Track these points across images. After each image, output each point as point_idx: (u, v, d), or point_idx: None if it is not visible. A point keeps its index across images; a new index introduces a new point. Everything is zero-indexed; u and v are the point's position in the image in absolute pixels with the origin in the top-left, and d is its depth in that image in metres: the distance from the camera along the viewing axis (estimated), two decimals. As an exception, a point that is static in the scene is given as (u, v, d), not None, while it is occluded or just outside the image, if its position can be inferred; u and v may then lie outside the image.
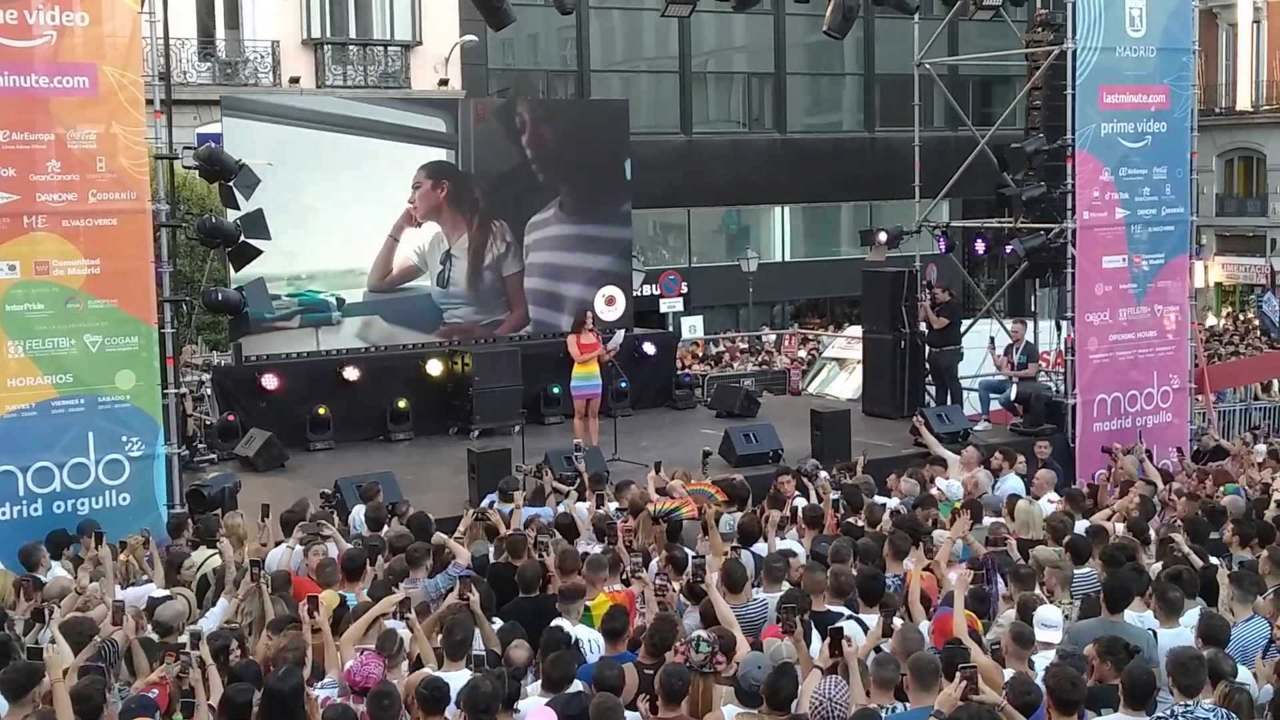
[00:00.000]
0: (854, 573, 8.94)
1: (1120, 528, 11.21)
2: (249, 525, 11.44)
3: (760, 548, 10.66)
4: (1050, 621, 7.93)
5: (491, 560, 10.27)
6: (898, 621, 7.79)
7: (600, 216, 20.68)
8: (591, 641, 8.26)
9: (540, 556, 9.69)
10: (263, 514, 11.49)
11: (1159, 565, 9.73)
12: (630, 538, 10.81)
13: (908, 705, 6.73)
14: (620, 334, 17.93)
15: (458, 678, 7.17)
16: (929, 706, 6.29)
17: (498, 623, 8.60)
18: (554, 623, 8.31)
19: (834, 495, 12.57)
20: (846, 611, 8.64)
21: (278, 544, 11.07)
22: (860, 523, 11.27)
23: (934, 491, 12.74)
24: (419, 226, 19.27)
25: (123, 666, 8.05)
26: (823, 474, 13.47)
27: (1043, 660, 7.39)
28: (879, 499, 12.49)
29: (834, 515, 11.55)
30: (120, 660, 8.02)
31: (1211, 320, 37.80)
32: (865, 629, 8.05)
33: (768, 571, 9.25)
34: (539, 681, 7.32)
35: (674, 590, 8.81)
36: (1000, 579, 9.35)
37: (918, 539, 9.92)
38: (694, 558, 8.93)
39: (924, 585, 9.14)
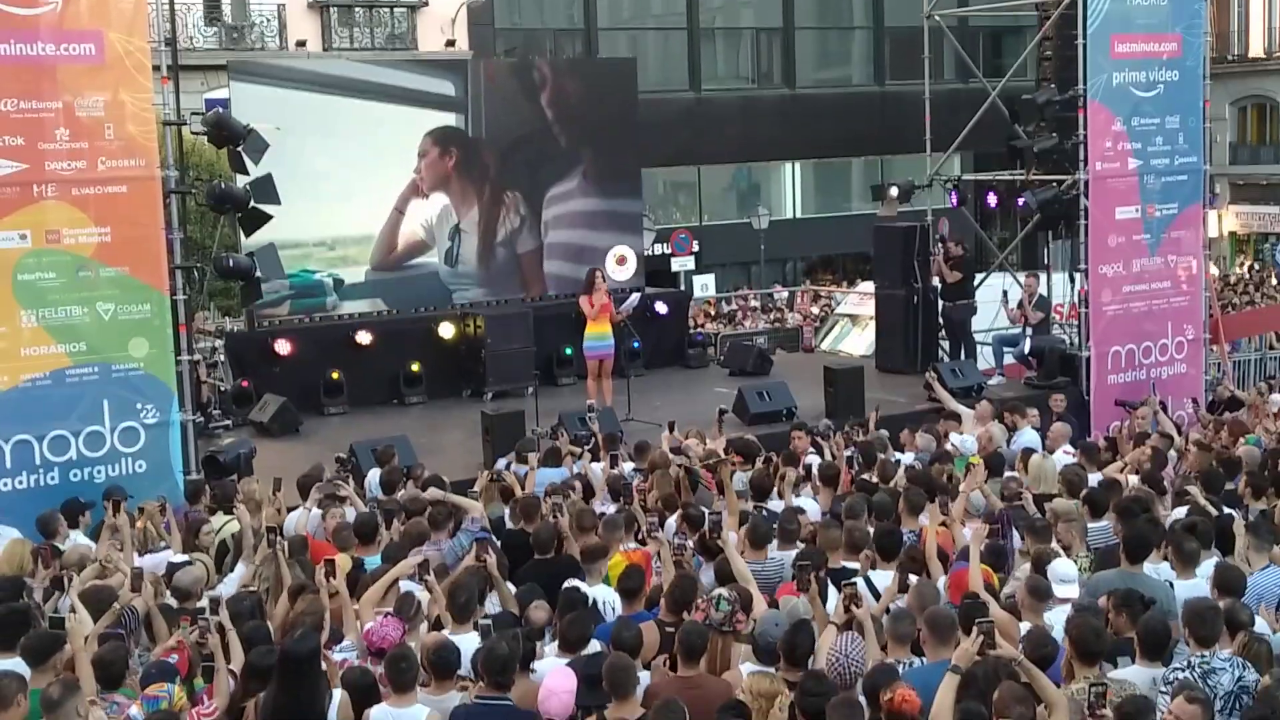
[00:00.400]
0: (869, 529, 8.97)
1: (1134, 480, 11.20)
2: (265, 490, 11.47)
3: (775, 505, 10.69)
4: (1066, 576, 7.93)
5: (507, 524, 10.31)
6: (913, 577, 7.81)
7: (615, 181, 20.61)
8: (608, 602, 8.30)
9: (555, 518, 9.72)
10: (274, 488, 11.52)
11: (1175, 516, 9.73)
12: (644, 497, 10.83)
13: (924, 660, 6.75)
14: (636, 296, 17.90)
15: (466, 640, 7.20)
16: (946, 661, 6.31)
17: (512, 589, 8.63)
18: (570, 583, 8.34)
19: (848, 453, 12.57)
20: (857, 567, 8.69)
21: (292, 509, 11.12)
22: (874, 479, 11.28)
23: (948, 447, 12.74)
24: (426, 198, 19.17)
25: (143, 633, 8.10)
26: (836, 436, 13.47)
27: (1058, 614, 7.40)
28: (893, 455, 12.50)
29: (849, 473, 11.56)
30: (140, 627, 8.07)
31: (1236, 271, 37.62)
32: (873, 589, 8.08)
33: (782, 529, 9.27)
34: (556, 642, 7.35)
35: (691, 548, 8.84)
36: (1015, 533, 9.35)
37: (933, 494, 9.92)
38: (710, 514, 8.95)
39: (939, 540, 9.16)
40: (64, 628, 7.00)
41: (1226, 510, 9.84)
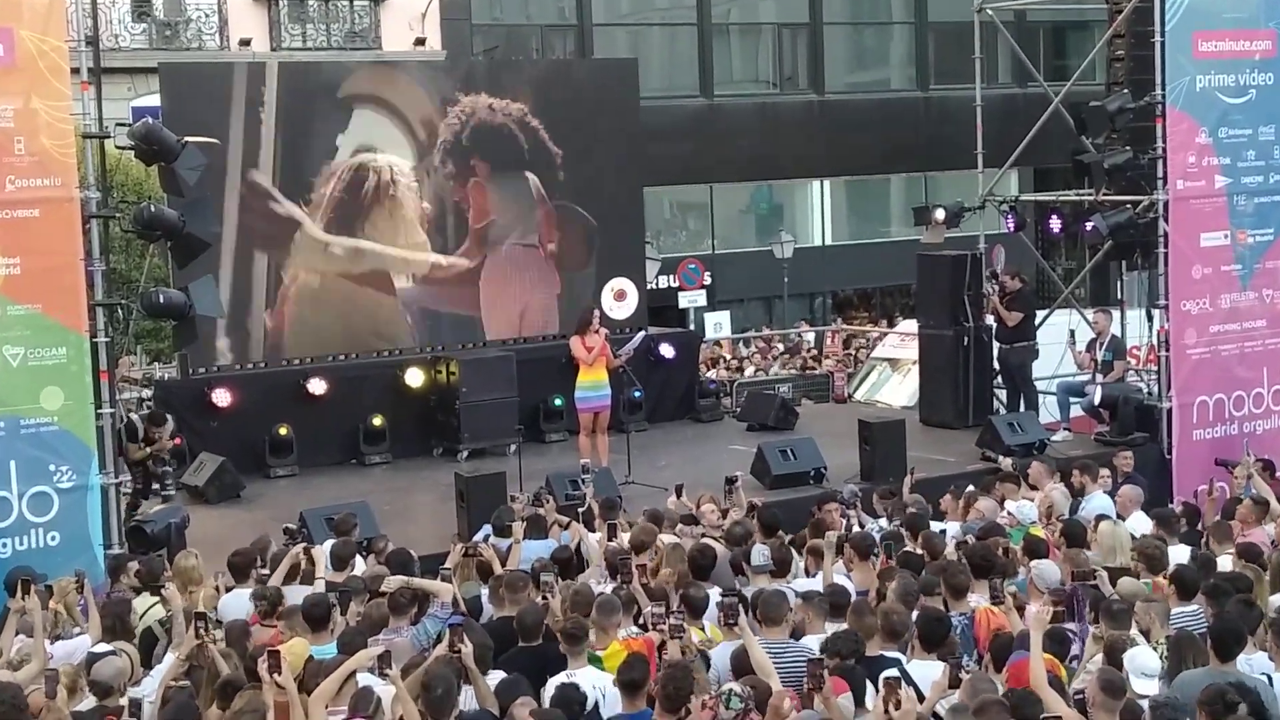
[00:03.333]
0: (912, 612, 8.96)
1: (1228, 557, 11.16)
2: (201, 566, 11.44)
3: (802, 583, 10.67)
4: (1146, 668, 7.91)
5: (486, 607, 10.28)
6: (966, 673, 7.80)
7: (612, 202, 20.70)
8: (598, 687, 8.31)
9: (545, 599, 9.70)
10: (214, 585, 11.45)
11: (1277, 601, 9.72)
12: (647, 576, 10.81)
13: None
14: (640, 336, 17.92)
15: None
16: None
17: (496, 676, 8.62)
18: (565, 677, 8.34)
19: (877, 525, 12.57)
20: (902, 657, 8.66)
21: (232, 589, 11.09)
22: (919, 550, 11.27)
23: (1003, 516, 12.72)
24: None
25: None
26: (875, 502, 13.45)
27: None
28: (934, 525, 12.51)
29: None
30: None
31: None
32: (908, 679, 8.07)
33: (831, 605, 9.43)
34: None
35: (689, 631, 8.85)
36: (1087, 616, 9.34)
37: (986, 572, 9.92)
38: (724, 594, 8.95)
39: (995, 625, 9.13)
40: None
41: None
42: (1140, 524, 12.60)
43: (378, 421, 18.61)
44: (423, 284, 19.53)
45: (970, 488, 13.78)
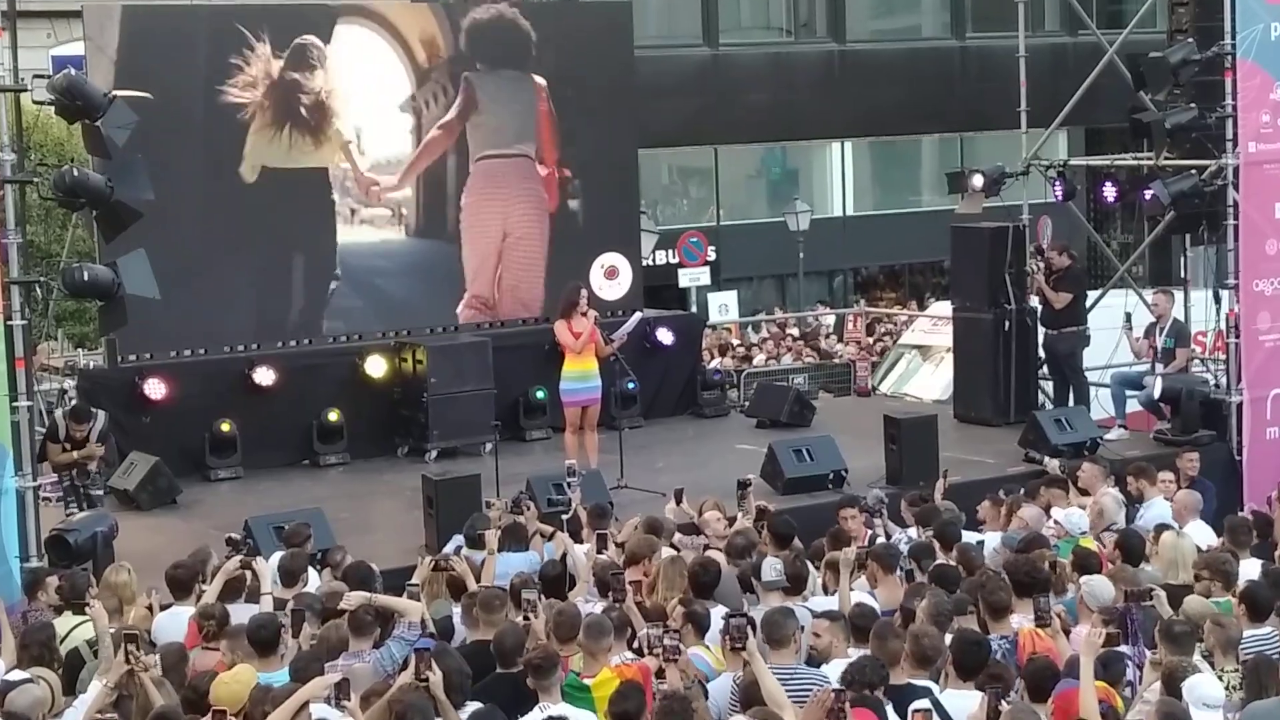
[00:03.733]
0: (945, 635, 8.96)
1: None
2: (135, 581, 11.43)
3: (818, 601, 10.67)
4: (1209, 698, 7.92)
5: (458, 628, 10.28)
6: (1006, 704, 7.80)
7: (603, 167, 20.73)
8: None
9: (527, 619, 9.70)
10: (147, 603, 11.44)
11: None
12: (643, 593, 10.80)
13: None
14: (635, 319, 17.90)
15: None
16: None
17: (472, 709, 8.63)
18: (552, 711, 8.35)
19: (905, 535, 12.57)
20: (934, 687, 8.66)
21: (165, 608, 11.08)
22: (954, 563, 11.28)
23: (1049, 525, 12.73)
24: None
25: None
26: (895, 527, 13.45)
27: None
28: (968, 534, 12.53)
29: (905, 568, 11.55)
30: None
31: None
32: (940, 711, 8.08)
33: (852, 626, 9.47)
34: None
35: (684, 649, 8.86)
36: (1143, 639, 9.35)
37: (1029, 589, 9.92)
38: (730, 616, 8.95)
39: (1041, 649, 9.14)
40: None
41: None
42: (1201, 534, 12.62)
43: (334, 417, 18.58)
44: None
45: (1006, 493, 13.75)
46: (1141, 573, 11.04)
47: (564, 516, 13.33)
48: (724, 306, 34.42)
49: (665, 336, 20.61)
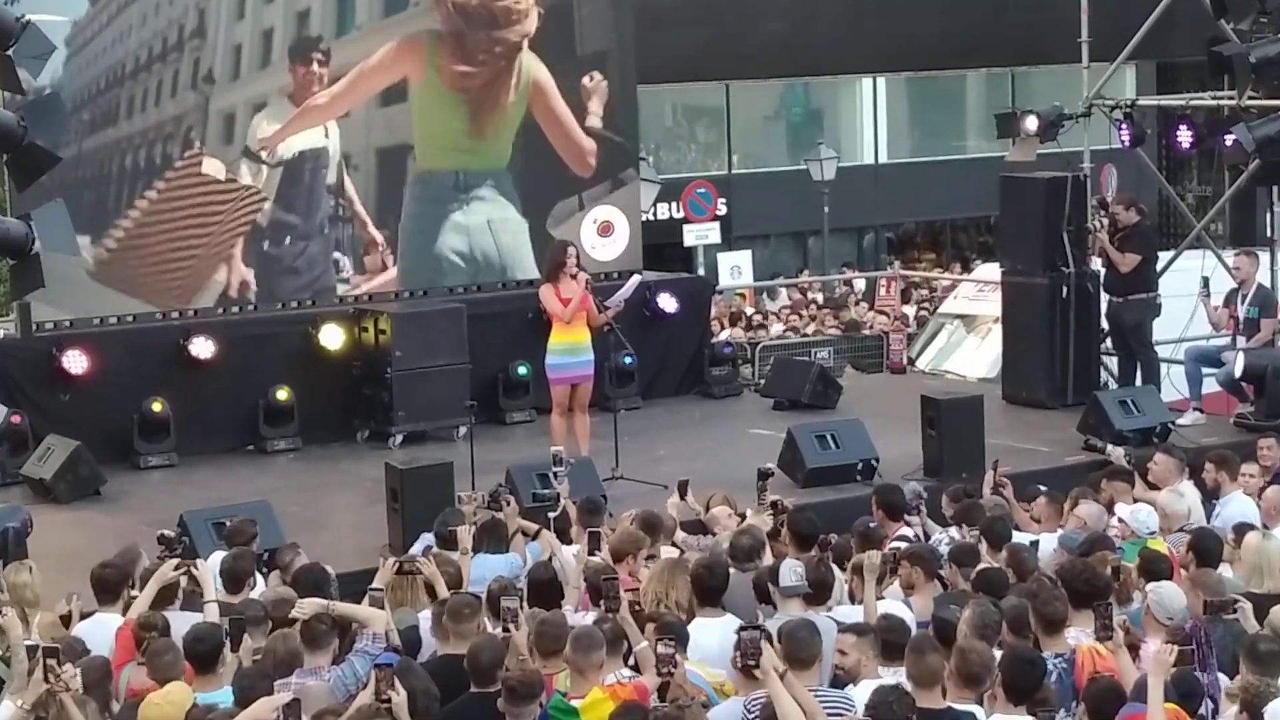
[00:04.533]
0: (994, 652, 8.98)
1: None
2: (48, 585, 11.44)
3: (845, 611, 10.69)
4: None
5: (427, 640, 10.31)
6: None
7: (594, 103, 20.67)
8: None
9: (507, 630, 9.73)
10: (66, 610, 11.46)
11: None
12: (639, 599, 10.81)
13: None
14: (633, 282, 17.90)
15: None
16: None
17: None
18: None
19: (945, 535, 12.61)
20: (978, 711, 8.68)
21: (89, 615, 11.09)
22: (1003, 567, 11.30)
23: (1113, 525, 12.74)
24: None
25: None
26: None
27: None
28: (1020, 535, 12.56)
29: (954, 571, 11.57)
30: None
31: None
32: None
33: (884, 643, 9.44)
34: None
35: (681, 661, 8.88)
36: (1216, 659, 9.37)
37: (1090, 599, 9.94)
38: (742, 629, 8.96)
39: (1101, 667, 9.14)
40: None
41: None
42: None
43: (283, 395, 18.57)
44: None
45: (1064, 487, 13.77)
46: (1215, 576, 11.02)
47: (550, 514, 13.31)
48: (736, 269, 34.39)
49: (668, 303, 20.58)
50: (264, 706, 8.35)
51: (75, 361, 17.82)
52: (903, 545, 12.19)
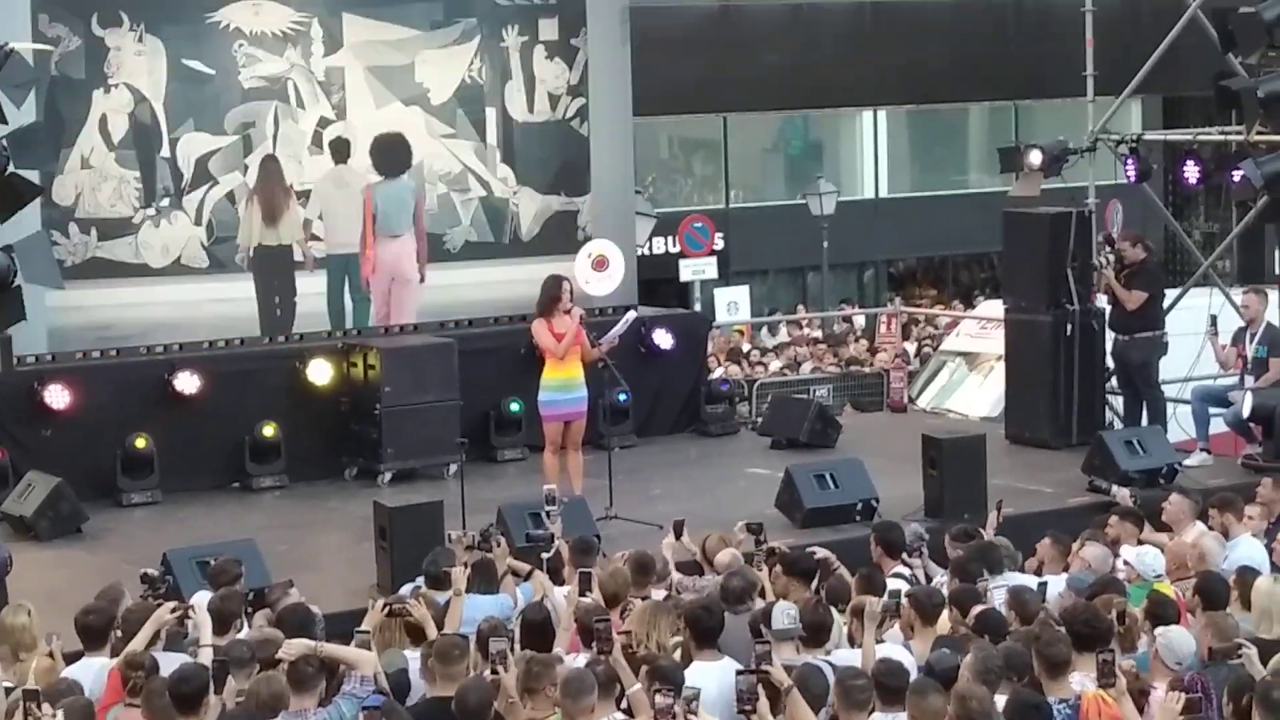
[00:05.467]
0: (995, 697, 8.94)
1: None
2: (36, 625, 11.41)
3: (843, 655, 10.65)
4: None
5: (415, 682, 10.27)
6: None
7: (590, 136, 20.70)
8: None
9: (496, 673, 9.69)
10: (48, 650, 11.42)
11: None
12: (632, 641, 10.77)
13: None
14: (629, 318, 17.89)
15: None
16: None
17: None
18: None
19: (943, 577, 12.58)
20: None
21: (75, 658, 11.03)
22: (1008, 614, 11.26)
23: (1119, 566, 12.72)
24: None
25: None
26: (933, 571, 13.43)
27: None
28: (1021, 578, 12.52)
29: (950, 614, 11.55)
30: None
31: None
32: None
33: (844, 693, 9.35)
34: None
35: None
36: (1218, 708, 9.34)
37: (1093, 643, 9.91)
38: (739, 673, 8.94)
39: (1106, 715, 9.11)
40: None
41: None
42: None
43: (269, 431, 18.55)
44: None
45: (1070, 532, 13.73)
46: (1228, 619, 10.97)
47: (544, 555, 13.26)
48: (733, 304, 34.43)
49: (664, 340, 20.59)
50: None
51: (57, 396, 17.79)
52: (899, 584, 12.20)
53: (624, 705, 9.53)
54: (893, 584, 12.12)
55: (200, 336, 19.07)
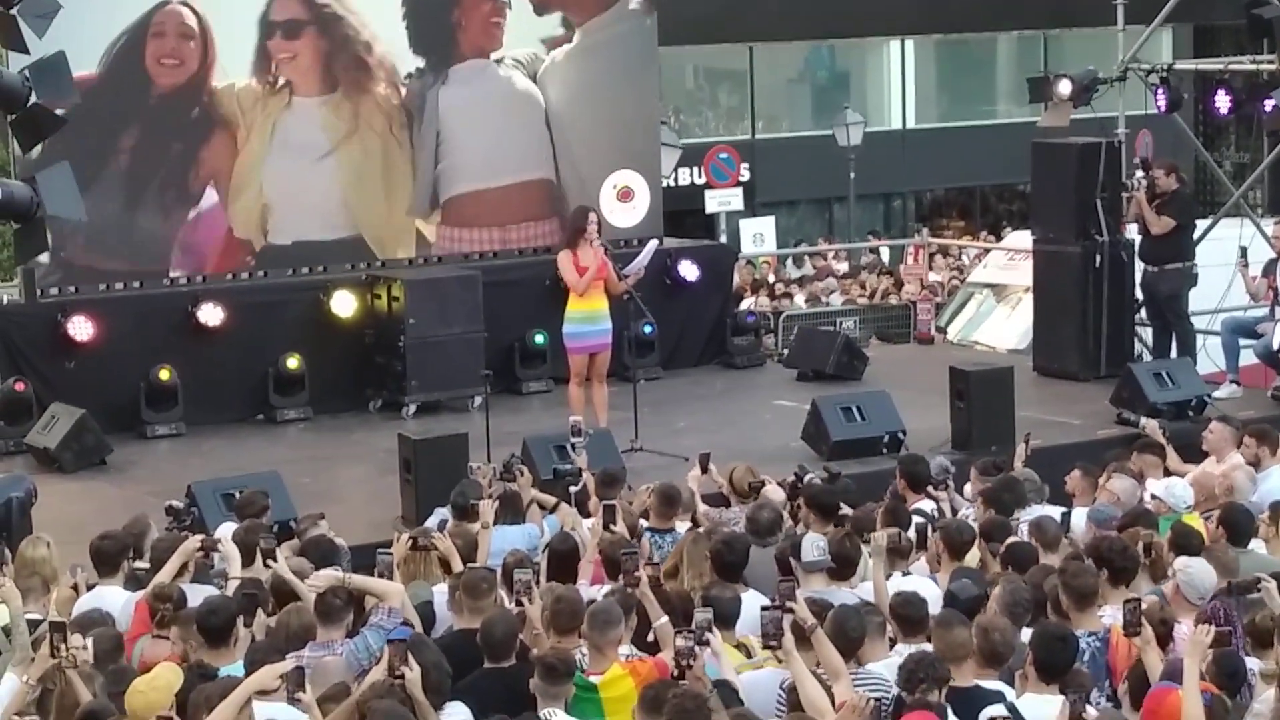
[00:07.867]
0: (1020, 630, 8.97)
1: None
2: (56, 557, 11.46)
3: (870, 588, 10.69)
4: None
5: (441, 614, 10.31)
6: (1094, 710, 7.81)
7: (613, 69, 20.70)
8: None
9: (521, 605, 9.74)
10: (72, 582, 11.48)
11: None
12: (658, 572, 10.80)
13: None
14: (652, 244, 17.87)
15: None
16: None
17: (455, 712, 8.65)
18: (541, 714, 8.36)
19: (972, 510, 12.58)
20: (1007, 690, 8.67)
21: (91, 586, 11.09)
22: (1033, 544, 11.28)
23: (1148, 499, 12.71)
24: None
25: None
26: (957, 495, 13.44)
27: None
28: (1051, 509, 12.53)
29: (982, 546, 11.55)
30: None
31: None
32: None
33: (898, 618, 9.48)
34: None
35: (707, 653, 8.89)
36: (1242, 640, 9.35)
37: (1123, 576, 9.92)
38: (764, 609, 8.96)
39: (1137, 651, 9.12)
40: None
41: None
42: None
43: (293, 364, 18.59)
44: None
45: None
46: (1247, 555, 10.96)
47: (572, 489, 13.29)
48: (759, 236, 34.29)
49: (689, 271, 20.58)
50: (265, 674, 8.33)
51: (81, 328, 17.84)
52: (918, 519, 12.22)
53: (651, 638, 9.55)
54: (916, 519, 12.16)
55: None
